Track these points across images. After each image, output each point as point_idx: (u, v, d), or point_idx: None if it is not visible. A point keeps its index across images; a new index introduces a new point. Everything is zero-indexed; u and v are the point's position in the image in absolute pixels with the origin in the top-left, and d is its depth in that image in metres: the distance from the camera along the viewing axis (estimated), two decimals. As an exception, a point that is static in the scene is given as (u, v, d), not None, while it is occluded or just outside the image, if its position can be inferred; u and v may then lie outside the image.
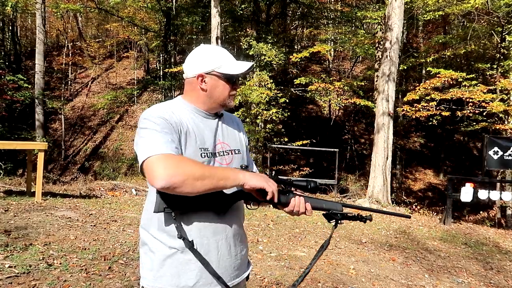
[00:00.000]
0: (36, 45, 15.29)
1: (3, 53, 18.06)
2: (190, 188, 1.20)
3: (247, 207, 1.42)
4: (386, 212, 1.62)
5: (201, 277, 1.35)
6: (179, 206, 1.30)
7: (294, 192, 1.42)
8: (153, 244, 1.37)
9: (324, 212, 1.47)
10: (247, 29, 14.21)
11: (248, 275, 1.58)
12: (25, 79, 14.34)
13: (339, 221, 1.46)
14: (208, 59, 1.43)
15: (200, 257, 1.33)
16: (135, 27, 17.43)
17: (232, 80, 1.45)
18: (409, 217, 1.67)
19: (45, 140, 13.43)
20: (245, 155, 1.62)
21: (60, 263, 3.60)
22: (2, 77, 13.44)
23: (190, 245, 1.32)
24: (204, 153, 1.39)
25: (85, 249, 4.12)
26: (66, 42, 21.00)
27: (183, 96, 1.50)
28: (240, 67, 1.45)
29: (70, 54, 20.54)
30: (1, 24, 18.16)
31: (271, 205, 1.42)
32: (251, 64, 1.47)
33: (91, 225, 5.12)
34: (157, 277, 1.35)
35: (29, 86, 14.65)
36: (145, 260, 1.39)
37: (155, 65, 20.86)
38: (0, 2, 13.47)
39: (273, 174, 1.40)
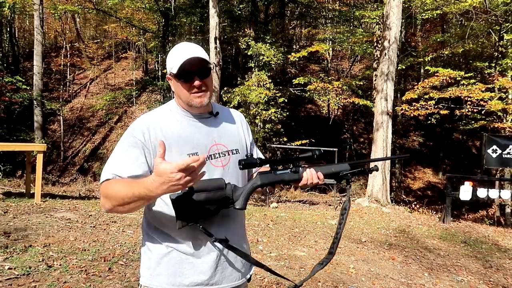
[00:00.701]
0: (34, 46, 15.25)
1: (1, 54, 18.04)
2: (119, 212, 1.30)
3: (263, 193, 1.42)
4: (386, 158, 1.83)
5: (197, 277, 1.35)
6: (195, 217, 1.30)
7: (303, 166, 1.42)
8: (151, 242, 1.39)
9: (333, 177, 1.51)
10: (246, 29, 14.21)
11: (250, 276, 1.57)
12: (23, 80, 14.32)
13: (350, 180, 1.49)
14: (168, 62, 1.40)
15: (239, 252, 1.39)
16: (133, 28, 17.41)
17: (186, 78, 1.36)
18: (407, 156, 1.80)
19: (44, 142, 13.41)
20: (249, 151, 1.60)
21: (60, 265, 3.60)
22: (1, 78, 13.43)
23: (226, 242, 1.36)
24: None
25: (85, 250, 4.11)
26: (64, 43, 20.96)
27: (175, 98, 1.49)
28: (179, 62, 1.34)
29: (69, 55, 20.51)
30: (-1, 26, 18.13)
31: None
32: (189, 55, 1.33)
33: (91, 226, 5.12)
34: (154, 276, 1.37)
35: (28, 88, 14.63)
36: (144, 259, 1.41)
37: (153, 66, 20.83)
38: None
39: (280, 155, 1.39)
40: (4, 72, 15.09)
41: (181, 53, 1.36)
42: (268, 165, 1.43)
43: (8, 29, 19.26)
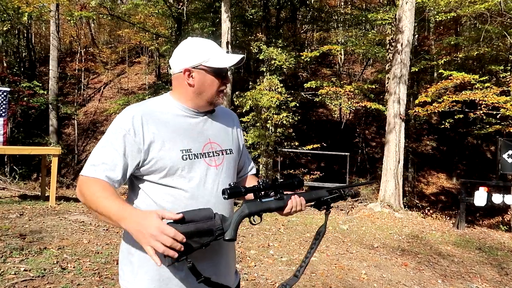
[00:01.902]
0: (50, 51, 15.60)
1: (18, 59, 18.44)
2: (91, 211, 1.26)
3: (250, 222, 1.37)
4: (356, 184, 1.81)
5: (183, 282, 1.31)
6: (188, 250, 1.19)
7: (286, 193, 1.40)
8: (131, 246, 1.34)
9: (313, 203, 1.50)
10: (257, 34, 14.27)
11: (239, 283, 1.53)
12: (41, 85, 14.61)
13: (330, 206, 1.50)
14: (195, 53, 1.34)
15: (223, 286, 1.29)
16: (146, 33, 17.63)
17: (221, 75, 1.36)
18: (374, 181, 1.77)
19: (58, 145, 13.64)
20: (240, 153, 1.56)
21: (74, 267, 3.65)
22: (18, 83, 13.73)
23: (209, 280, 1.23)
24: (186, 155, 1.32)
25: (98, 253, 4.17)
26: (79, 48, 21.34)
27: (171, 92, 1.43)
28: (229, 59, 1.35)
29: (83, 60, 20.86)
30: (16, 32, 18.53)
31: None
32: (241, 56, 1.36)
33: (104, 229, 5.18)
34: (138, 280, 1.32)
35: (44, 92, 14.92)
36: (125, 261, 1.37)
37: (166, 70, 21.05)
38: (16, 12, 13.79)
39: (265, 181, 1.36)
40: (22, 77, 15.43)
41: (220, 50, 1.36)
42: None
43: (25, 35, 19.69)
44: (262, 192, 1.37)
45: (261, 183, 1.37)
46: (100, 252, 4.19)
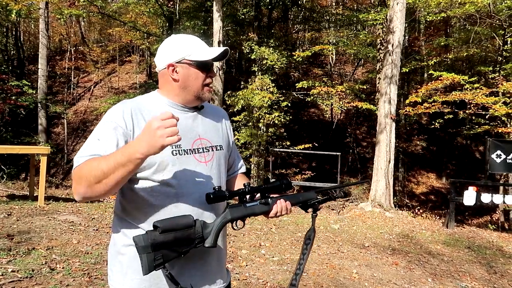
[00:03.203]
0: (39, 49, 15.39)
1: (6, 57, 18.17)
2: (95, 193, 1.18)
3: (232, 227, 1.36)
4: (347, 184, 2.08)
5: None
6: (165, 257, 1.21)
7: (272, 196, 1.38)
8: (123, 246, 1.32)
9: (300, 204, 1.47)
10: (249, 33, 14.26)
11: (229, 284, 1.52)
12: (29, 84, 14.42)
13: (318, 208, 1.47)
14: (178, 48, 1.35)
15: None
16: (138, 32, 17.51)
17: (205, 68, 1.36)
18: (367, 181, 1.83)
19: (47, 145, 13.48)
20: (230, 150, 1.56)
21: (63, 268, 3.60)
22: (6, 81, 13.53)
23: None
24: (176, 150, 1.31)
25: (88, 253, 4.12)
26: (69, 47, 21.11)
27: (158, 90, 1.43)
28: (212, 52, 1.35)
29: (73, 59, 20.65)
30: (4, 30, 18.26)
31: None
32: (224, 48, 1.37)
33: (94, 229, 5.13)
34: (128, 280, 1.30)
35: (33, 91, 14.73)
36: (114, 262, 1.35)
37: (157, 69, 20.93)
38: (4, 9, 13.58)
39: (248, 186, 1.34)
40: (10, 75, 15.21)
41: (202, 44, 1.37)
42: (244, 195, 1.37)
43: (14, 33, 19.42)
44: (247, 196, 1.36)
45: (247, 186, 1.35)
46: (90, 253, 4.14)
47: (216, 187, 1.29)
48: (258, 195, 1.39)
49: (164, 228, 1.19)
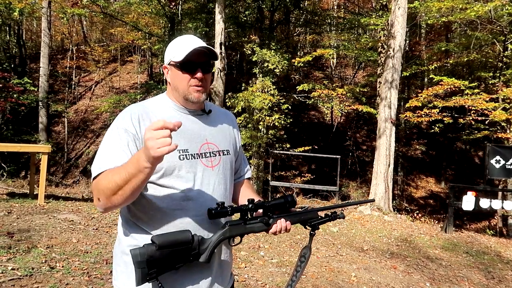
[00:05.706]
0: (41, 48, 15.40)
1: (8, 56, 18.19)
2: (115, 204, 1.19)
3: (229, 243, 1.36)
4: (352, 203, 1.79)
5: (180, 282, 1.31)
6: (160, 271, 1.21)
7: (274, 216, 1.38)
8: (127, 247, 1.32)
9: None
10: (251, 35, 14.29)
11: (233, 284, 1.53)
12: (31, 82, 14.43)
13: (317, 228, 1.48)
14: (169, 50, 1.37)
15: None
16: (139, 32, 17.54)
17: (188, 68, 1.33)
18: (373, 200, 1.80)
19: (48, 143, 13.48)
20: (237, 155, 1.55)
21: (63, 266, 3.62)
22: (8, 79, 13.54)
23: None
24: (183, 155, 1.32)
25: (87, 252, 4.13)
26: (71, 46, 21.14)
27: (166, 92, 1.45)
28: (184, 51, 1.31)
29: (75, 58, 20.67)
30: (7, 28, 18.29)
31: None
32: (197, 46, 1.30)
33: (93, 229, 5.14)
34: (132, 280, 1.28)
35: (35, 90, 14.74)
36: (119, 262, 1.36)
37: (158, 70, 20.97)
38: (7, 8, 13.61)
39: (252, 203, 1.33)
40: (12, 73, 15.22)
41: (188, 42, 1.33)
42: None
43: (16, 31, 19.44)
44: (249, 214, 1.36)
45: (250, 203, 1.34)
46: (90, 252, 4.15)
47: (220, 203, 1.28)
48: (261, 210, 1.39)
49: (161, 245, 1.19)
